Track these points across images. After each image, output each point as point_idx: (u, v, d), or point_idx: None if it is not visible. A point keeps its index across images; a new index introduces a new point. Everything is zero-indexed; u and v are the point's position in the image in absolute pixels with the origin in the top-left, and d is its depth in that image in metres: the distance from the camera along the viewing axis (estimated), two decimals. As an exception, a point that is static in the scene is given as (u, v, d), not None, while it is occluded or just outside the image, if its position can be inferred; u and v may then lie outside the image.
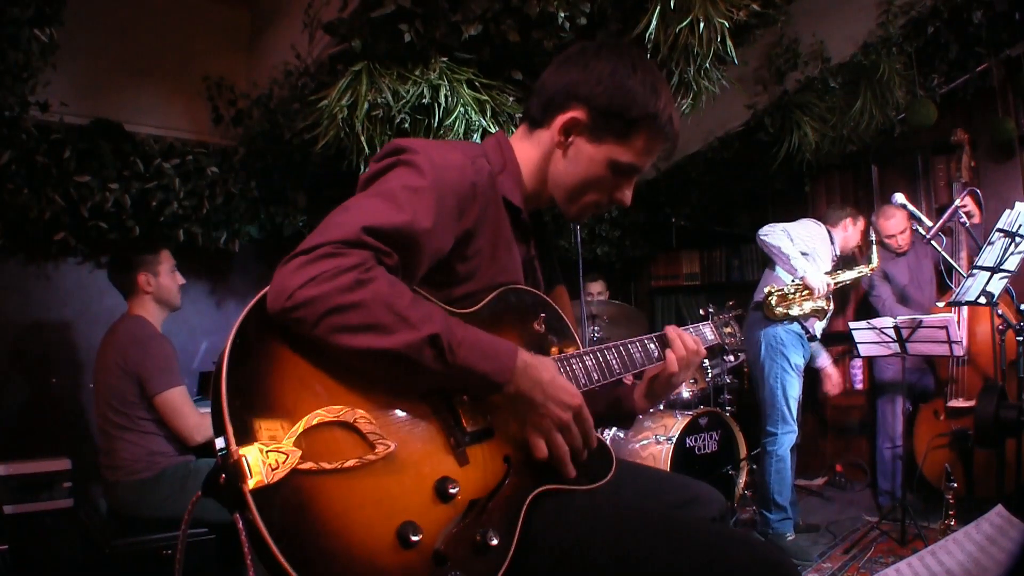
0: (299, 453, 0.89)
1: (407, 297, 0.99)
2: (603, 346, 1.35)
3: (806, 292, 3.25)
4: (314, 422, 0.93)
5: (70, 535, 2.81)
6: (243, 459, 0.85)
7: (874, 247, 3.37)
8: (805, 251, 3.45)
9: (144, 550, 2.36)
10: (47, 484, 2.82)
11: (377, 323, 0.95)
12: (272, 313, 0.95)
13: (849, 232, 3.82)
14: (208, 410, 1.44)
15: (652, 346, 1.42)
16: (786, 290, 3.24)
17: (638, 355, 1.40)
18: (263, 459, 0.86)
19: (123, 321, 2.65)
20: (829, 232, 3.72)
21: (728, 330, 1.71)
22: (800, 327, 3.51)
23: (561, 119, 1.27)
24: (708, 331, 1.65)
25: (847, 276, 3.36)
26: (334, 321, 0.94)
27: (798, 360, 3.53)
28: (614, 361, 1.35)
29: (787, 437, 3.47)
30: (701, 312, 1.75)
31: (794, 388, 3.51)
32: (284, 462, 0.88)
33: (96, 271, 3.47)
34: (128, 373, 2.48)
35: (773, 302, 3.30)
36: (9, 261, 3.25)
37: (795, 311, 3.22)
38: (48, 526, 2.79)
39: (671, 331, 1.42)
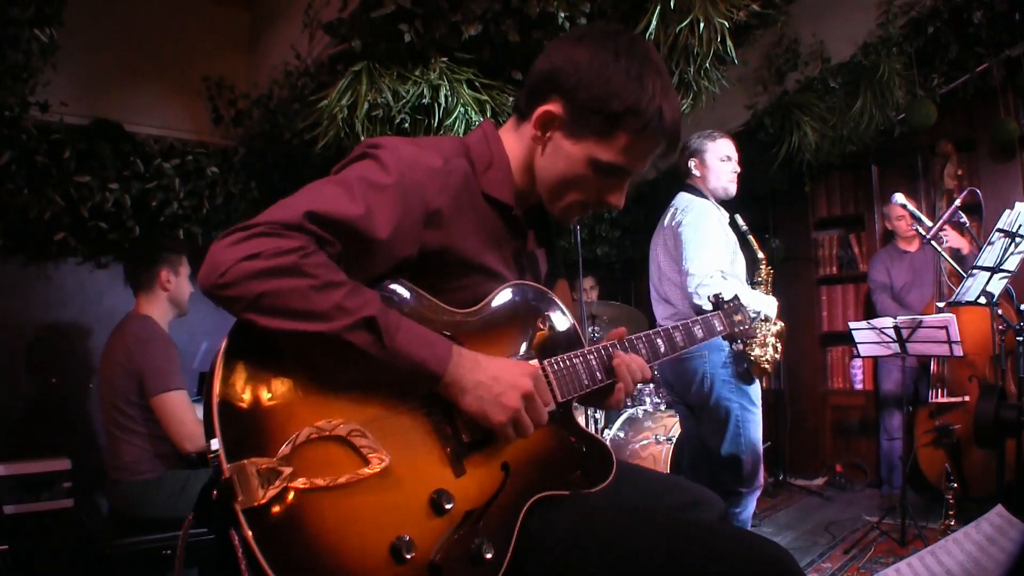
0: (291, 470, 0.89)
1: (346, 286, 0.95)
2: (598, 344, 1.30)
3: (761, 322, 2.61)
4: (306, 437, 0.92)
5: (70, 535, 2.80)
6: (235, 477, 0.84)
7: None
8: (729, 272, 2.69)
9: (144, 550, 2.36)
10: (47, 484, 2.81)
11: (312, 309, 0.92)
12: (203, 289, 0.91)
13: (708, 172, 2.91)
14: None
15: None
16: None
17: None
18: (255, 477, 0.86)
19: (130, 320, 2.62)
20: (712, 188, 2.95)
21: (738, 318, 1.67)
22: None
23: (537, 112, 1.18)
24: (717, 322, 1.61)
25: None
26: (267, 303, 0.90)
27: (757, 392, 2.70)
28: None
29: (751, 498, 2.71)
30: (709, 300, 1.70)
31: (758, 429, 2.67)
32: (276, 479, 0.87)
33: (96, 271, 3.47)
34: (132, 373, 2.47)
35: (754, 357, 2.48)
36: (9, 261, 3.24)
37: (759, 349, 2.61)
38: (48, 526, 2.78)
39: (618, 360, 1.28)
